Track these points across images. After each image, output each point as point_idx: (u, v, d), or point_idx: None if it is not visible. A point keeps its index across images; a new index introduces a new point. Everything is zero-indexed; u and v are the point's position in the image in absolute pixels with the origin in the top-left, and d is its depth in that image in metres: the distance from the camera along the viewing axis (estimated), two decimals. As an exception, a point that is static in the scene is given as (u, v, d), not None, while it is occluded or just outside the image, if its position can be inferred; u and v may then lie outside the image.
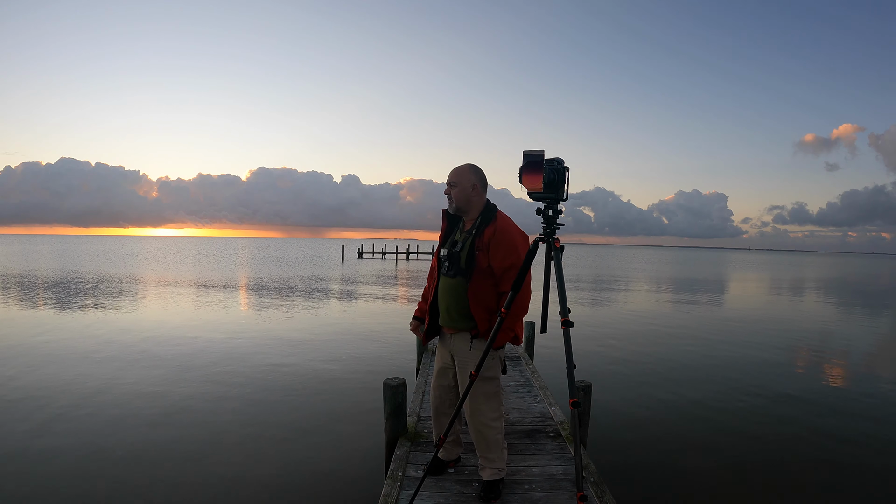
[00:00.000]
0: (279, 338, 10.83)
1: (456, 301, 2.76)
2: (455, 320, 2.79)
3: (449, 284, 2.77)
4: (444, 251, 2.81)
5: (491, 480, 2.85)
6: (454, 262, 2.75)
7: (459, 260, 2.74)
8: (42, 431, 5.51)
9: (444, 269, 2.80)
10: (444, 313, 2.82)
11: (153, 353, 9.20)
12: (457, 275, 2.73)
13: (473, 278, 2.68)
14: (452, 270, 2.75)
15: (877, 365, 10.12)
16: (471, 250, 2.72)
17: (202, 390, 7.05)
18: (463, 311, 2.75)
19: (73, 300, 16.22)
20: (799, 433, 5.94)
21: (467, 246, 2.74)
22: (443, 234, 2.90)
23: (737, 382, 8.04)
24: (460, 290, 2.73)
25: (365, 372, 8.18)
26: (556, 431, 3.82)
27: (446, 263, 2.78)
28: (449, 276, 2.77)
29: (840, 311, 18.62)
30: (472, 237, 2.75)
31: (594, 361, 9.23)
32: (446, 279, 2.79)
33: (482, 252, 2.68)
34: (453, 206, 2.80)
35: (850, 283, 36.92)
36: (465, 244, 2.76)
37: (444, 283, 2.80)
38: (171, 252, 64.98)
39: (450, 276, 2.76)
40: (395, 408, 3.59)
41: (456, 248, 2.77)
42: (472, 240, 2.74)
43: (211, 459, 4.94)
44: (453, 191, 2.77)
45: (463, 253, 2.74)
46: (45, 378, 7.45)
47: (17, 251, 59.57)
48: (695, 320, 15.01)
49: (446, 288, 2.79)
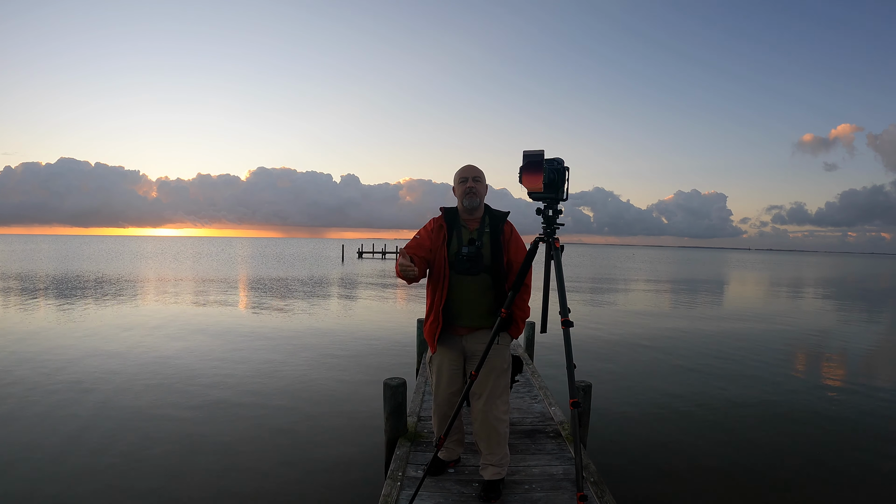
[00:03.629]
0: (279, 337, 10.83)
1: (481, 298, 2.74)
2: (478, 318, 2.77)
3: (471, 282, 2.72)
4: (465, 249, 2.69)
5: (492, 480, 2.85)
6: (478, 259, 2.69)
7: (483, 257, 2.71)
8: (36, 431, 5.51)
9: (462, 267, 2.70)
10: (467, 313, 2.76)
11: (151, 353, 9.18)
12: (480, 272, 2.70)
13: (500, 274, 2.72)
14: (476, 268, 2.69)
15: (877, 365, 10.11)
16: (495, 246, 2.72)
17: (202, 390, 7.04)
18: (489, 308, 2.75)
19: (73, 300, 16.21)
20: (799, 433, 5.94)
21: (488, 242, 2.74)
22: (444, 233, 2.79)
23: (737, 382, 8.04)
24: (485, 286, 2.73)
25: (365, 372, 8.18)
26: (556, 431, 3.83)
27: (467, 261, 2.69)
28: (471, 274, 2.70)
29: (840, 312, 18.61)
30: (489, 234, 2.75)
31: (594, 361, 9.23)
32: (466, 277, 2.71)
33: (504, 248, 2.74)
34: (476, 201, 2.74)
35: (849, 283, 36.93)
36: (485, 241, 2.74)
37: (464, 281, 2.72)
38: (170, 252, 64.95)
39: (472, 274, 2.70)
40: (395, 408, 3.59)
41: (477, 245, 2.71)
42: (493, 236, 2.73)
43: (210, 459, 4.93)
44: (478, 185, 2.74)
45: (486, 250, 2.73)
46: (41, 378, 7.45)
47: (18, 251, 59.52)
48: (695, 320, 15.01)
49: (468, 286, 2.73)
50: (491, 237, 2.74)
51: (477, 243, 2.72)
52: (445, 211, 2.86)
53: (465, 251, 2.69)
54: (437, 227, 2.81)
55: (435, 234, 2.79)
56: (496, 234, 2.74)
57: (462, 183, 2.75)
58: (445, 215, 2.84)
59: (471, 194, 2.73)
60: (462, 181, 2.75)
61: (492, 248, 2.72)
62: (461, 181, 2.75)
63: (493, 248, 2.72)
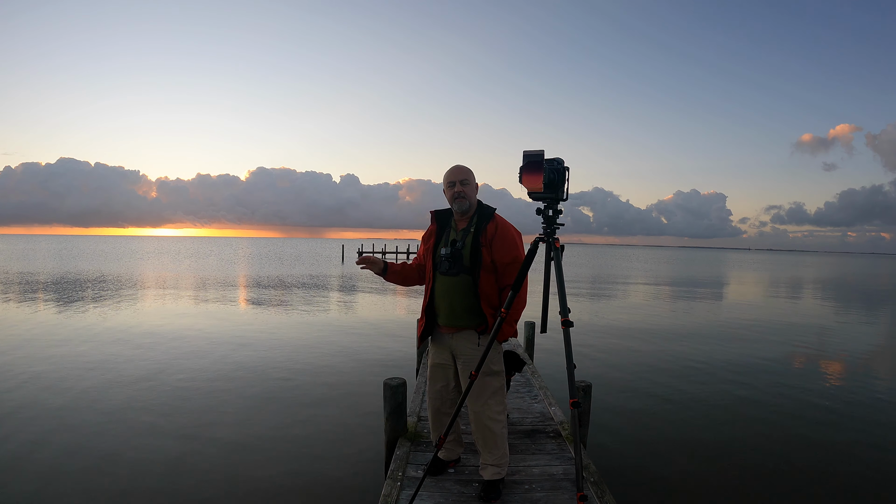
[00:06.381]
0: (279, 337, 10.83)
1: (461, 299, 2.75)
2: (459, 319, 2.78)
3: (451, 283, 2.76)
4: (444, 250, 2.76)
5: (492, 480, 2.85)
6: (457, 260, 2.73)
7: (463, 258, 2.73)
8: (34, 431, 5.51)
9: (443, 268, 2.77)
10: (447, 313, 2.80)
11: (150, 353, 9.18)
12: (460, 273, 2.73)
13: (480, 275, 2.70)
14: (456, 269, 2.73)
15: (877, 365, 10.11)
16: (475, 247, 2.72)
17: (201, 390, 7.04)
18: (469, 309, 2.75)
19: (72, 299, 16.20)
20: (799, 433, 5.93)
21: (469, 243, 2.74)
22: (434, 234, 2.88)
23: (737, 382, 8.03)
24: (465, 287, 2.73)
25: (365, 372, 8.18)
26: (556, 431, 3.83)
27: (447, 262, 2.75)
28: (451, 275, 2.75)
29: (840, 312, 18.62)
30: (472, 234, 2.75)
31: (594, 361, 9.23)
32: (447, 278, 2.77)
33: (486, 248, 2.71)
34: (466, 204, 2.76)
35: (849, 283, 36.92)
36: (467, 242, 2.75)
37: (445, 282, 2.78)
38: (170, 252, 64.94)
39: (452, 275, 2.74)
40: (395, 408, 3.59)
41: (457, 246, 2.75)
42: (475, 237, 2.74)
43: (210, 459, 4.93)
44: (466, 188, 2.75)
45: (465, 251, 2.74)
46: (39, 378, 7.45)
47: (18, 251, 59.50)
48: (695, 320, 15.01)
49: (448, 287, 2.77)
50: (473, 237, 2.74)
51: (458, 244, 2.75)
52: (437, 214, 2.93)
53: (443, 252, 2.76)
54: (429, 232, 2.93)
55: (426, 240, 2.94)
56: (478, 234, 2.74)
57: (450, 188, 2.77)
58: (437, 218, 2.91)
59: (460, 198, 2.75)
60: (450, 185, 2.77)
61: (472, 249, 2.73)
62: (448, 185, 2.78)
63: (473, 249, 2.72)
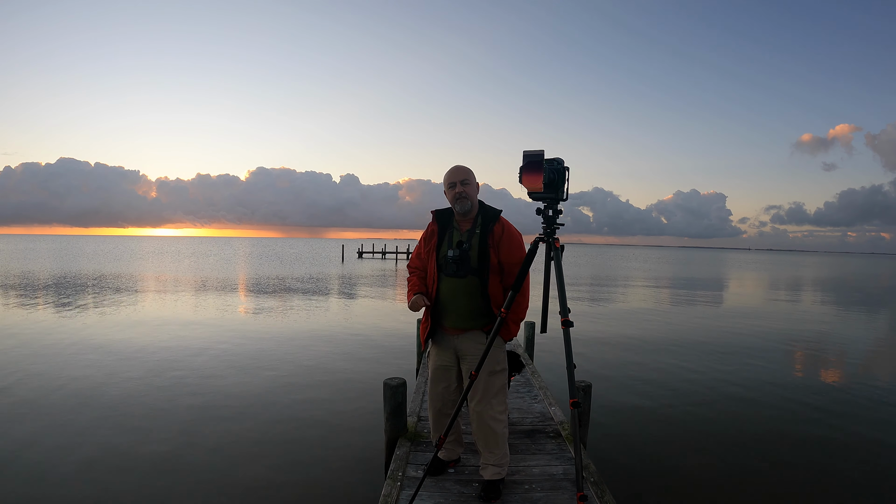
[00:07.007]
0: (279, 337, 10.82)
1: (469, 301, 2.74)
2: (466, 320, 2.77)
3: (459, 285, 2.74)
4: (451, 252, 2.72)
5: (492, 480, 2.85)
6: (465, 261, 2.70)
7: (470, 260, 2.71)
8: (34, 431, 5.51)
9: (450, 269, 2.73)
10: (454, 314, 2.78)
11: (150, 353, 9.17)
12: (468, 274, 2.71)
13: (489, 276, 2.70)
14: (463, 270, 2.70)
15: (877, 365, 10.11)
16: (482, 249, 2.71)
17: (200, 389, 7.04)
18: (477, 310, 2.75)
19: (72, 299, 16.20)
20: (799, 433, 5.93)
21: (476, 245, 2.73)
22: (435, 234, 2.84)
23: (737, 382, 8.03)
24: (473, 289, 2.72)
25: (365, 372, 8.18)
26: (556, 431, 3.83)
27: (454, 264, 2.71)
28: (458, 277, 2.72)
29: (840, 312, 18.61)
30: (478, 236, 2.74)
31: (594, 361, 9.23)
32: (454, 280, 2.73)
33: (493, 249, 2.71)
34: (467, 205, 2.74)
35: (849, 283, 36.92)
36: (474, 243, 2.73)
37: (452, 283, 2.75)
38: (169, 252, 64.93)
39: (459, 277, 2.72)
40: (395, 408, 3.59)
41: (465, 248, 2.72)
42: (482, 238, 2.73)
43: (209, 459, 4.93)
44: (467, 189, 2.73)
45: (473, 252, 2.72)
46: (37, 377, 7.45)
47: (18, 250, 59.49)
48: (695, 321, 15.00)
49: (455, 288, 2.75)
50: (480, 239, 2.73)
51: (465, 245, 2.73)
52: (438, 214, 2.89)
53: (450, 254, 2.72)
54: (430, 232, 2.88)
55: (427, 240, 2.88)
56: (485, 236, 2.73)
57: (451, 188, 2.75)
58: (438, 218, 2.87)
59: (461, 199, 2.73)
60: (450, 186, 2.75)
61: (479, 250, 2.71)
62: (449, 186, 2.75)
63: (481, 250, 2.71)
